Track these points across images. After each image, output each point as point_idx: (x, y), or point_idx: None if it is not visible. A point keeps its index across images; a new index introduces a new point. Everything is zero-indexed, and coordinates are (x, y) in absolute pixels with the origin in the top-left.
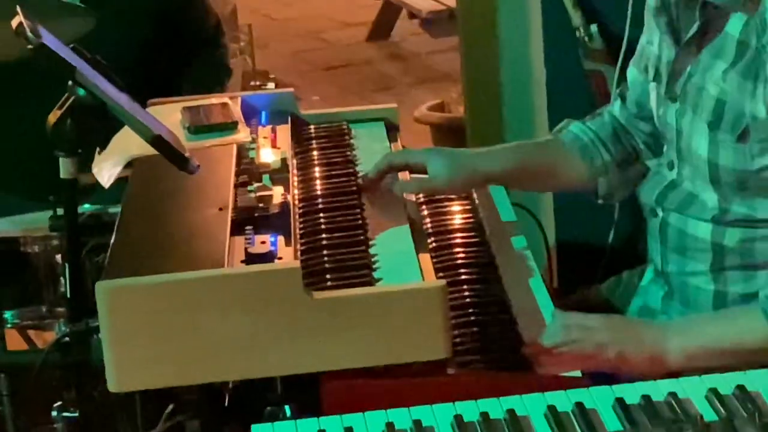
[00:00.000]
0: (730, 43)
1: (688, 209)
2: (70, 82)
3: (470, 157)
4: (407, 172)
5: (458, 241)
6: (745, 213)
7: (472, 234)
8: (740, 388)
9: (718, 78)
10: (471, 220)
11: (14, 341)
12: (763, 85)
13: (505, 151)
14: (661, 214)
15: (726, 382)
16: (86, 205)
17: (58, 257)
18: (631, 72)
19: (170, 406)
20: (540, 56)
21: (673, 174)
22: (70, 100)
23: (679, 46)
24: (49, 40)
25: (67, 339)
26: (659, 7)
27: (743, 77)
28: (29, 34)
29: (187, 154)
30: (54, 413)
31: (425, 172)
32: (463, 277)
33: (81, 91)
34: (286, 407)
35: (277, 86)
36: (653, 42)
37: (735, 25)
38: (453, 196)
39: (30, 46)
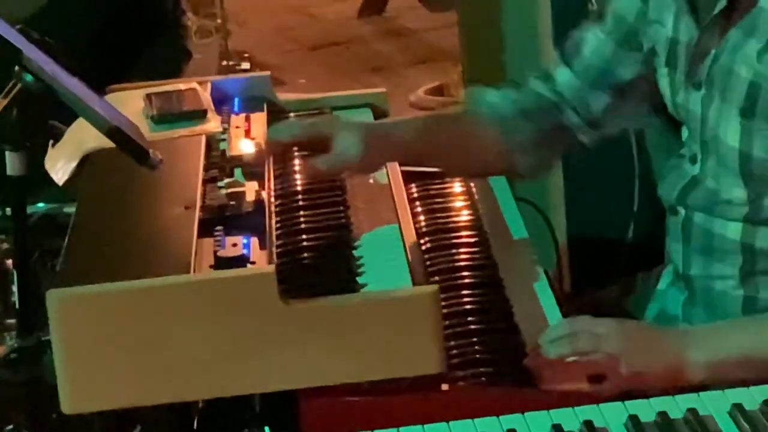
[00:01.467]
0: (765, 19)
1: (715, 209)
2: (16, 68)
3: (377, 130)
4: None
5: (455, 241)
6: None
7: (471, 233)
8: (766, 403)
9: (752, 59)
10: (469, 217)
11: None
12: None
13: (414, 125)
14: (683, 212)
15: (752, 397)
16: (39, 205)
17: (9, 262)
18: (592, 38)
19: (138, 428)
20: (548, 31)
21: (695, 169)
22: (16, 88)
23: (701, 27)
24: None
25: (14, 355)
26: None
27: None
28: None
29: (148, 148)
30: None
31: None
32: (460, 281)
33: (28, 77)
34: (266, 429)
35: (253, 68)
36: (664, 22)
37: None
38: (448, 192)
39: None
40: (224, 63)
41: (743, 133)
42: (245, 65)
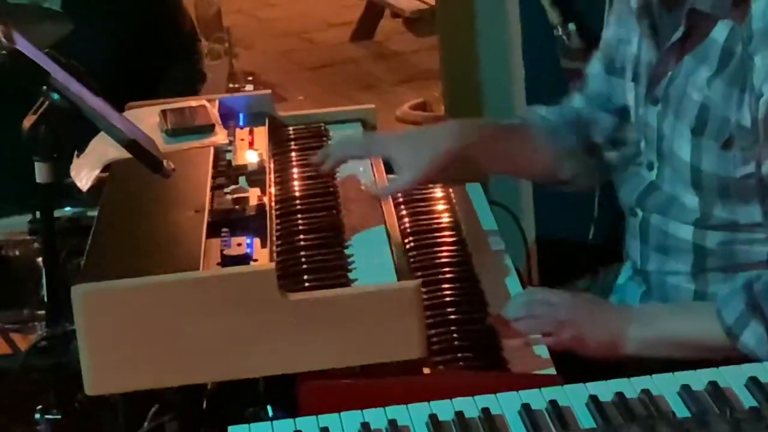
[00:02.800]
0: (715, 50)
1: (670, 211)
2: (44, 87)
3: (433, 136)
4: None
5: (435, 240)
6: (726, 218)
7: (449, 233)
8: (712, 384)
9: (702, 84)
10: (448, 219)
11: None
12: (749, 94)
13: (469, 125)
14: (641, 214)
15: (698, 379)
16: (66, 209)
17: (39, 260)
18: (594, 66)
19: (154, 407)
20: (519, 55)
21: (652, 175)
22: (45, 105)
23: (660, 50)
24: (23, 45)
25: (45, 343)
26: (641, 9)
27: (729, 85)
28: (3, 39)
29: (162, 158)
30: (37, 416)
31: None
32: (440, 276)
33: (55, 96)
34: (269, 407)
35: (257, 87)
36: (631, 42)
37: (720, 32)
38: (430, 196)
39: (3, 52)
40: (230, 85)
41: (694, 149)
42: (249, 87)
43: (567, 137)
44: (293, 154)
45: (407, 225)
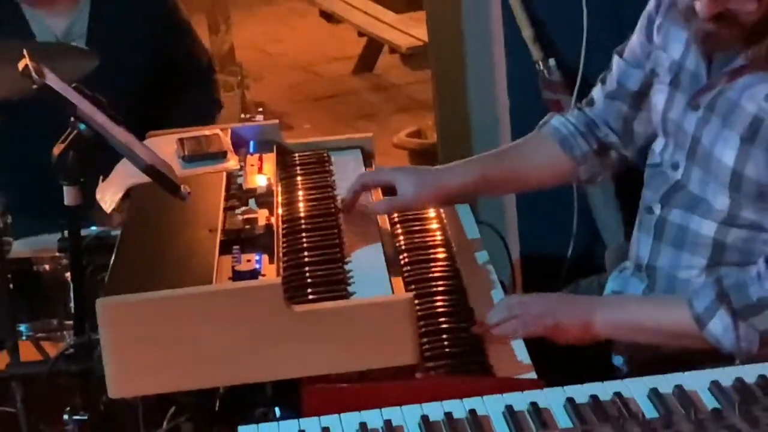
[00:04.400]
0: None
1: (695, 209)
2: (72, 118)
3: (433, 173)
4: (380, 192)
5: (427, 256)
6: (753, 220)
7: (440, 250)
8: (678, 387)
9: (759, 98)
10: (439, 237)
11: (29, 352)
12: None
13: (465, 165)
14: (658, 212)
15: (666, 383)
16: (92, 228)
17: (68, 275)
18: (616, 64)
19: (172, 409)
20: (504, 87)
21: (677, 175)
22: (72, 134)
23: (712, 65)
24: (52, 80)
25: (72, 350)
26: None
27: None
28: (34, 75)
29: (179, 182)
30: (65, 417)
31: (395, 189)
32: (431, 289)
33: (82, 126)
34: (276, 408)
35: (267, 117)
36: (670, 48)
37: None
38: (423, 216)
39: (35, 86)
40: (242, 116)
41: (740, 155)
42: (259, 117)
43: (579, 144)
44: (298, 178)
45: (402, 242)
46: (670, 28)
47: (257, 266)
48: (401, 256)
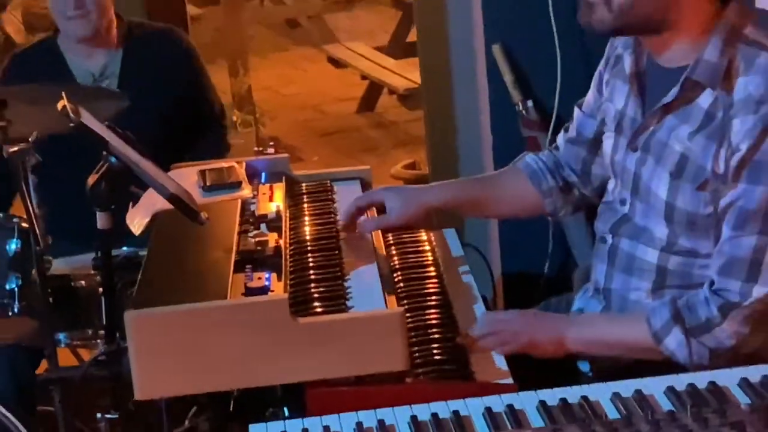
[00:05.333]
0: (698, 112)
1: (640, 238)
2: (104, 152)
3: (417, 192)
4: (375, 212)
5: (418, 275)
6: (689, 247)
7: (430, 269)
8: (638, 391)
9: (684, 138)
10: (429, 258)
11: (67, 358)
12: (725, 149)
13: (446, 186)
14: (611, 240)
15: (627, 387)
16: (123, 248)
17: (100, 290)
18: (576, 114)
19: (193, 409)
20: (488, 125)
21: (625, 209)
22: (105, 166)
23: (646, 108)
24: (87, 119)
25: (103, 357)
26: (634, 74)
27: (708, 140)
28: (71, 114)
29: (198, 209)
30: (98, 415)
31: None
32: (421, 304)
33: (113, 159)
34: (285, 408)
35: (278, 151)
36: (615, 100)
37: (705, 99)
38: (415, 239)
39: (72, 124)
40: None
41: (671, 189)
42: (270, 151)
43: (547, 180)
44: (305, 205)
45: (395, 262)
46: (615, 83)
47: (267, 283)
48: (395, 275)
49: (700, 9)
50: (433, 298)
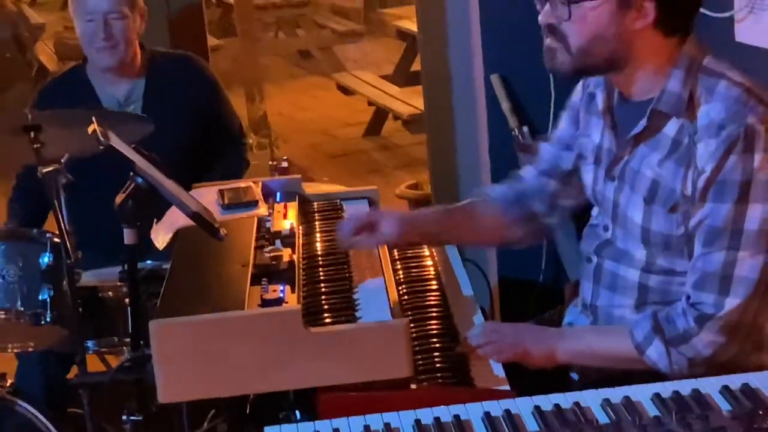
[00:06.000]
0: (665, 141)
1: (621, 260)
2: (131, 173)
3: (408, 217)
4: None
5: (421, 287)
6: (667, 267)
7: (432, 283)
8: (626, 398)
9: (654, 165)
10: (432, 271)
11: (94, 364)
12: (692, 171)
13: (436, 213)
14: (595, 261)
15: (616, 394)
16: (147, 262)
17: (127, 300)
18: (545, 149)
19: (212, 411)
20: (486, 149)
21: (607, 234)
22: (131, 186)
23: (619, 140)
24: (115, 141)
25: (129, 363)
26: (606, 109)
27: (676, 165)
28: (100, 137)
29: (217, 226)
30: (123, 417)
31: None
32: (424, 315)
33: (139, 179)
34: (297, 412)
35: (292, 172)
36: (592, 134)
37: (671, 127)
38: (418, 255)
39: (101, 146)
40: (271, 170)
41: (645, 214)
42: (284, 163)
43: (511, 209)
44: (316, 223)
45: (400, 276)
46: (590, 119)
47: (281, 295)
48: (399, 288)
49: (657, 45)
50: (435, 309)
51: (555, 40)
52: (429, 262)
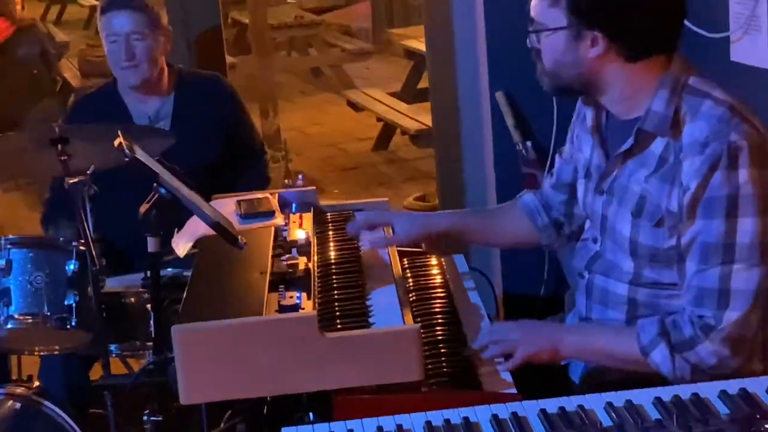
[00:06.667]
0: (652, 158)
1: (611, 274)
2: (155, 184)
3: (423, 218)
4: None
5: (430, 295)
6: (654, 278)
7: (441, 290)
8: (628, 401)
9: (641, 181)
10: (440, 280)
11: (117, 367)
12: (677, 188)
13: (451, 215)
14: (587, 276)
15: (619, 398)
16: (169, 269)
17: (149, 306)
18: (557, 162)
19: (228, 412)
20: (491, 163)
21: (597, 247)
22: (155, 197)
23: (609, 156)
24: (141, 154)
25: (151, 366)
26: (595, 127)
27: (662, 181)
28: (126, 150)
29: (237, 235)
30: (144, 418)
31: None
32: (434, 321)
33: (162, 190)
34: (311, 413)
35: (306, 184)
36: (583, 150)
37: (658, 146)
38: (427, 263)
39: (126, 159)
40: (285, 182)
41: (633, 227)
42: (299, 182)
43: (540, 217)
44: (330, 232)
45: (411, 284)
46: (582, 136)
47: (298, 302)
48: (410, 295)
49: (623, 70)
50: (444, 315)
51: (539, 62)
52: (437, 271)
